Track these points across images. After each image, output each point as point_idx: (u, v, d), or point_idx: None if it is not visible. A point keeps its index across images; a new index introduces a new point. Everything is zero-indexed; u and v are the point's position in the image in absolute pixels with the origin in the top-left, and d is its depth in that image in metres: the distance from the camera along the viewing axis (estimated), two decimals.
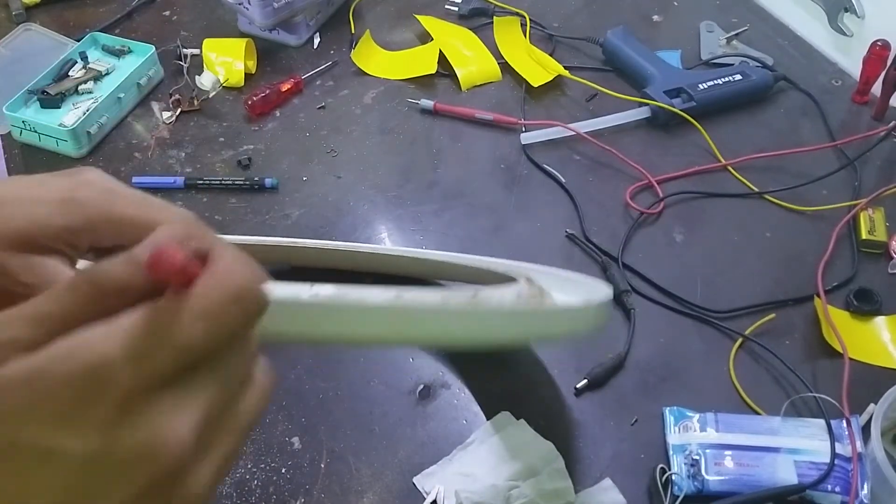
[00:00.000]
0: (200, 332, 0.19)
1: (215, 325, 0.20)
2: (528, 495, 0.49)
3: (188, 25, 0.86)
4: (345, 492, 0.51)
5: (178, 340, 0.19)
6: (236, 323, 0.20)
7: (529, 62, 0.81)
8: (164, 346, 0.19)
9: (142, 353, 0.19)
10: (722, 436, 0.52)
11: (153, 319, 0.19)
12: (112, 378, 0.18)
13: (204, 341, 0.19)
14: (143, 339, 0.19)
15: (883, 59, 0.74)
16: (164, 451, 0.19)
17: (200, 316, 0.19)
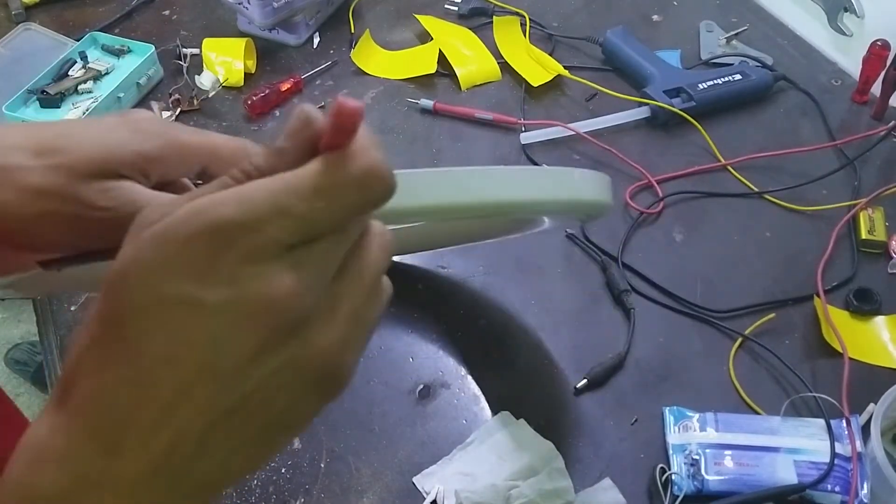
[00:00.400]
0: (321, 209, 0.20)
1: (337, 205, 0.21)
2: (528, 495, 0.49)
3: (188, 25, 0.86)
4: (345, 491, 0.51)
5: (297, 214, 0.20)
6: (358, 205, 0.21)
7: (529, 62, 0.81)
8: (286, 216, 0.20)
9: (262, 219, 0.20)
10: (722, 435, 0.52)
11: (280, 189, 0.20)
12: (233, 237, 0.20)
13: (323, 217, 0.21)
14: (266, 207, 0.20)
15: (882, 58, 0.74)
16: (280, 302, 0.20)
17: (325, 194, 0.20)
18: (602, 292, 0.62)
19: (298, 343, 0.21)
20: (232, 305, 0.20)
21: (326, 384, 0.22)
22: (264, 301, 0.20)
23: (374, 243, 0.23)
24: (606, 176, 0.42)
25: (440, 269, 0.63)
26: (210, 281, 0.20)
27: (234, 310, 0.20)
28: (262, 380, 0.21)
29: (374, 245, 0.23)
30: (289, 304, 0.20)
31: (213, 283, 0.20)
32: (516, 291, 0.62)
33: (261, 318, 0.20)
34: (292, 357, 0.21)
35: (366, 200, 0.21)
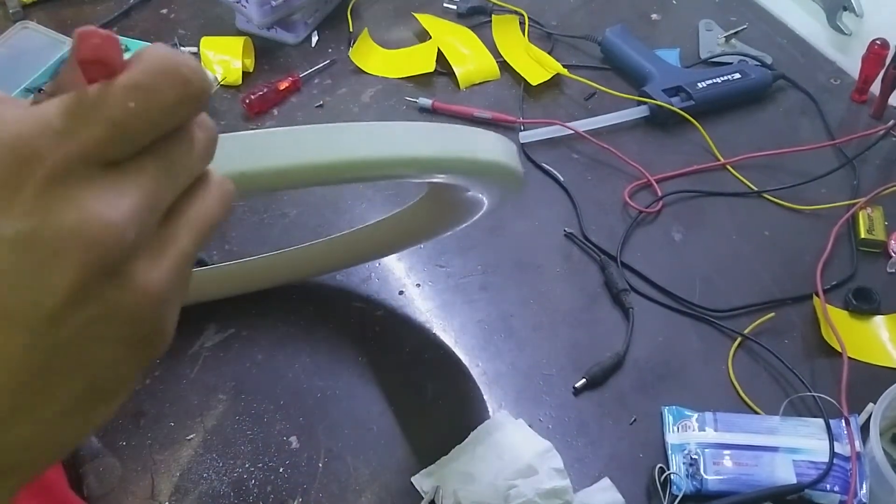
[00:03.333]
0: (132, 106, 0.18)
1: (147, 98, 0.18)
2: (527, 494, 0.48)
3: (186, 23, 0.86)
4: (343, 491, 0.50)
5: (107, 114, 0.17)
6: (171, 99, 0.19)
7: (528, 61, 0.81)
8: (92, 121, 0.17)
9: (66, 128, 0.17)
10: (721, 435, 0.52)
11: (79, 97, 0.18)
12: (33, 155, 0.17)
13: (136, 117, 0.18)
14: (67, 116, 0.17)
15: (882, 57, 0.74)
16: (98, 234, 0.17)
17: (130, 88, 0.18)
18: (601, 292, 0.62)
19: (118, 286, 0.18)
20: (37, 239, 0.17)
21: (147, 337, 0.19)
22: (77, 233, 0.17)
23: (213, 192, 0.21)
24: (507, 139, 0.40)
25: (439, 267, 0.63)
26: (7, 209, 0.17)
27: (40, 245, 0.17)
28: (76, 330, 0.18)
29: (211, 193, 0.21)
30: (108, 237, 0.17)
31: (12, 213, 0.17)
32: (515, 290, 0.62)
33: (73, 255, 0.17)
34: (111, 303, 0.18)
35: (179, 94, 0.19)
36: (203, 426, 0.53)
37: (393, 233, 0.57)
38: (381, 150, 0.32)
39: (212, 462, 0.52)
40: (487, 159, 0.37)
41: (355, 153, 0.31)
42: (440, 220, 0.54)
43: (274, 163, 0.29)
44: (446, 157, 0.36)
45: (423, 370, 0.57)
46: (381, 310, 0.61)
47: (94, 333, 0.18)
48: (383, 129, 0.33)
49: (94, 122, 0.17)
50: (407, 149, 0.33)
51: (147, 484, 0.50)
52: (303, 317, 0.60)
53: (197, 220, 0.20)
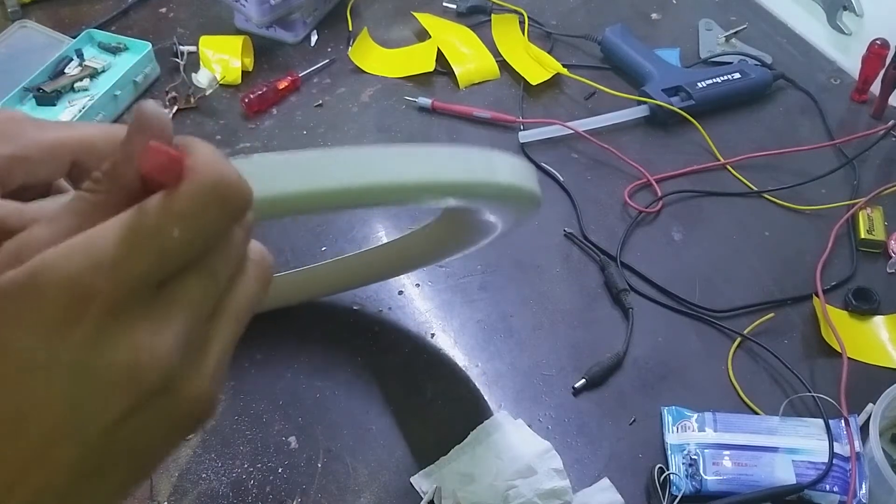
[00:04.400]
0: (178, 235, 0.19)
1: (194, 226, 0.19)
2: (526, 495, 0.48)
3: (184, 22, 0.86)
4: (342, 491, 0.50)
5: (156, 245, 0.18)
6: (217, 222, 0.20)
7: (528, 60, 0.81)
8: (142, 253, 0.18)
9: (116, 263, 0.18)
10: (720, 435, 0.52)
11: (128, 226, 0.18)
12: (90, 291, 0.18)
13: (183, 244, 0.19)
14: (118, 250, 0.18)
15: (882, 57, 0.74)
16: (147, 367, 0.19)
17: (177, 218, 0.19)
18: (600, 292, 0.62)
19: (166, 398, 0.20)
20: (92, 370, 0.18)
21: (195, 424, 0.21)
22: (129, 368, 0.19)
23: (251, 276, 0.22)
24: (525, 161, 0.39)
25: (438, 267, 0.63)
26: (66, 342, 0.18)
27: (94, 374, 0.18)
28: (126, 438, 0.19)
29: (249, 277, 0.22)
30: (159, 369, 0.19)
31: (69, 344, 0.18)
32: (514, 290, 0.62)
33: (125, 386, 0.19)
34: (160, 411, 0.20)
35: (224, 215, 0.20)
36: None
37: (404, 255, 0.57)
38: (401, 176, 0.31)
39: (210, 462, 0.52)
40: (507, 183, 0.36)
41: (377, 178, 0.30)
42: (453, 242, 0.53)
43: (286, 188, 0.28)
44: (464, 182, 0.34)
45: (423, 370, 0.57)
46: (381, 310, 0.61)
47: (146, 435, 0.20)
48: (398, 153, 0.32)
49: (143, 254, 0.18)
50: (423, 174, 0.32)
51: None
52: (302, 317, 0.60)
53: (238, 310, 0.21)
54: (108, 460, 0.20)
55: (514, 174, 0.37)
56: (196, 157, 0.19)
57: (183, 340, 0.19)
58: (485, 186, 0.35)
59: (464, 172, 0.34)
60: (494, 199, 0.38)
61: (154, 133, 0.19)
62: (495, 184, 0.36)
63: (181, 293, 0.20)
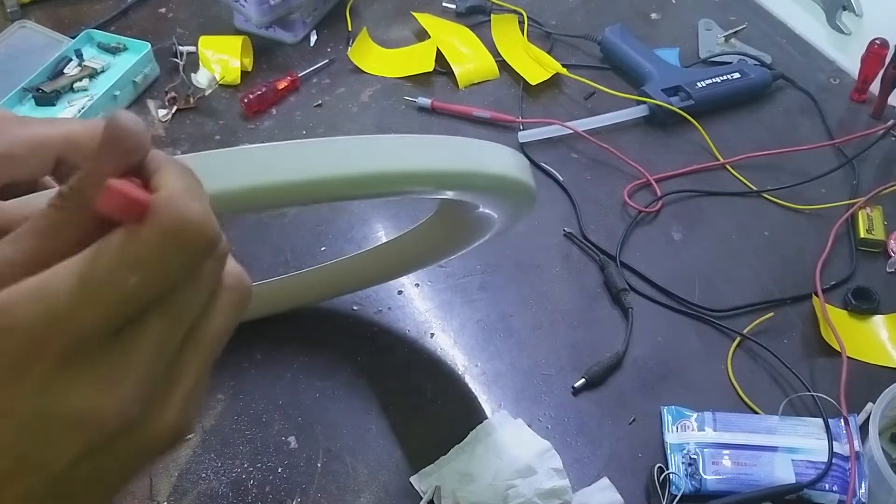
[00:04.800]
0: (136, 282, 0.18)
1: (153, 273, 0.18)
2: (526, 495, 0.48)
3: (184, 23, 0.86)
4: (341, 491, 0.50)
5: (111, 295, 0.18)
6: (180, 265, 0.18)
7: (527, 60, 0.81)
8: (96, 303, 0.18)
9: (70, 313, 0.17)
10: (720, 435, 0.52)
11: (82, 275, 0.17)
12: (41, 341, 0.17)
13: (141, 291, 0.18)
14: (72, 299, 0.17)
15: (881, 57, 0.74)
16: (102, 419, 0.18)
17: (134, 266, 0.18)
18: (600, 291, 0.62)
19: (129, 439, 0.19)
20: (44, 419, 0.18)
21: (162, 453, 0.21)
22: (83, 415, 0.18)
23: (224, 302, 0.21)
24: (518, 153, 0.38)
25: (438, 267, 0.63)
26: (15, 390, 0.18)
27: (47, 424, 0.18)
28: (88, 473, 0.19)
29: (223, 304, 0.21)
30: (114, 418, 0.18)
31: (20, 393, 0.18)
32: (514, 290, 0.62)
33: (77, 434, 0.18)
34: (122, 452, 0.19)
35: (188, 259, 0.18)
36: (201, 426, 0.53)
37: (402, 255, 0.57)
38: (386, 165, 0.30)
39: (210, 462, 0.52)
40: (498, 173, 0.35)
41: (362, 168, 0.30)
42: (451, 240, 0.53)
43: (278, 178, 0.28)
44: (455, 172, 0.33)
45: (422, 370, 0.57)
46: (380, 309, 0.61)
47: (110, 468, 0.19)
48: (386, 142, 0.32)
49: (97, 305, 0.18)
50: (412, 162, 0.31)
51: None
52: (301, 317, 0.60)
53: (209, 341, 0.20)
54: (67, 493, 0.19)
55: (505, 164, 0.36)
56: (161, 193, 0.18)
57: (144, 385, 0.19)
58: (474, 176, 0.34)
59: (450, 161, 0.33)
60: (485, 189, 0.37)
61: (122, 153, 0.18)
62: (485, 173, 0.35)
63: (141, 337, 0.19)
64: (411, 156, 0.32)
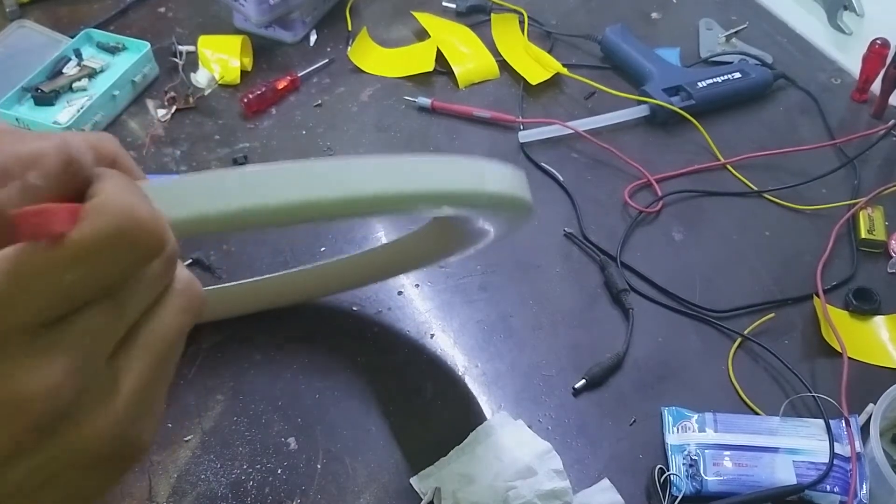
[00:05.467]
0: (70, 279, 0.18)
1: (90, 271, 0.18)
2: (526, 496, 0.48)
3: (183, 22, 0.86)
4: (341, 492, 0.50)
5: (47, 286, 0.17)
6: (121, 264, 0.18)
7: (527, 60, 0.81)
8: (31, 292, 0.17)
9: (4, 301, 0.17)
10: (720, 436, 0.52)
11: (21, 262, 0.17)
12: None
13: (76, 287, 0.18)
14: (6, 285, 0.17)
15: (882, 57, 0.74)
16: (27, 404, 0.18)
17: (70, 263, 0.18)
18: (601, 292, 0.62)
19: (66, 434, 0.19)
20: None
21: (115, 461, 0.20)
22: (11, 401, 0.17)
23: (173, 304, 0.21)
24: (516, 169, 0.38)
25: (438, 268, 0.63)
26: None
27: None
28: (24, 476, 0.18)
29: (171, 307, 0.20)
30: (43, 402, 0.18)
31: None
32: (514, 291, 0.62)
33: (9, 420, 0.18)
34: (61, 448, 0.19)
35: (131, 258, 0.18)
36: (201, 427, 0.53)
37: (397, 258, 0.57)
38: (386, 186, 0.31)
39: (210, 463, 0.51)
40: (496, 192, 0.36)
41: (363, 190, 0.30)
42: (446, 247, 0.54)
43: (286, 198, 0.28)
44: (452, 192, 0.34)
45: (422, 371, 0.57)
46: (380, 310, 0.60)
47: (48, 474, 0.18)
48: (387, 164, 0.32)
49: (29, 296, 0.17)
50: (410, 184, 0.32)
51: (145, 485, 0.50)
52: (301, 317, 0.60)
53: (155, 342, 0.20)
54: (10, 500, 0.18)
55: (503, 182, 0.37)
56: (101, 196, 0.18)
57: (74, 372, 0.18)
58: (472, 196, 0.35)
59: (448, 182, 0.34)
60: (483, 207, 0.38)
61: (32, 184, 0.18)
62: (483, 193, 0.35)
63: (74, 326, 0.18)
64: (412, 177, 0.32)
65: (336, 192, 0.29)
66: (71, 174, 0.19)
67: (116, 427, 0.19)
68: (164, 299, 0.21)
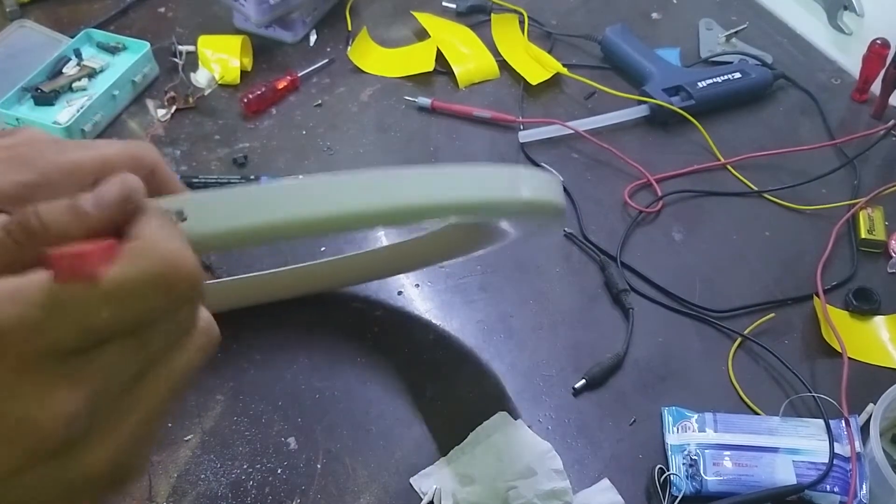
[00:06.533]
0: (106, 315, 0.18)
1: (126, 310, 0.19)
2: (526, 496, 0.48)
3: (183, 22, 0.86)
4: (341, 492, 0.50)
5: (81, 321, 0.18)
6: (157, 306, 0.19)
7: (527, 60, 0.81)
8: (67, 323, 0.18)
9: (38, 325, 0.18)
10: (720, 436, 0.52)
11: (61, 292, 0.18)
12: (6, 344, 0.18)
13: (111, 323, 0.19)
14: (47, 312, 0.18)
15: (882, 57, 0.74)
16: (47, 427, 0.18)
17: (108, 301, 0.18)
18: (601, 292, 0.62)
19: (65, 461, 0.19)
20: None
21: (106, 485, 0.20)
22: (26, 424, 0.18)
23: (193, 344, 0.21)
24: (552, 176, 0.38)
25: (438, 268, 0.63)
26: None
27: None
28: (20, 493, 0.19)
29: (191, 346, 0.21)
30: (57, 427, 0.18)
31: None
32: (514, 291, 0.62)
33: (18, 442, 0.18)
34: (58, 473, 0.19)
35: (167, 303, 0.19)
36: (201, 427, 0.53)
37: (412, 255, 0.57)
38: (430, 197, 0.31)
39: (210, 463, 0.51)
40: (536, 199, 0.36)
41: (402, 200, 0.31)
42: (464, 246, 0.54)
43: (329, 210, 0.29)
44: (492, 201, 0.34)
45: (422, 371, 0.57)
46: (380, 310, 0.60)
47: (39, 494, 0.19)
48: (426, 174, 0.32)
49: (66, 326, 0.18)
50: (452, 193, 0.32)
51: (144, 485, 0.50)
52: (301, 317, 0.60)
53: (169, 380, 0.20)
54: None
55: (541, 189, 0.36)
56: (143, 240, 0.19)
57: (90, 407, 0.19)
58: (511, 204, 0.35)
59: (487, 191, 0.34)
60: (521, 216, 0.38)
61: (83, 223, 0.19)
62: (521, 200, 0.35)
63: (101, 360, 0.19)
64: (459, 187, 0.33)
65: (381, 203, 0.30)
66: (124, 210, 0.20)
67: (116, 456, 0.20)
68: (184, 339, 0.21)
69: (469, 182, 0.34)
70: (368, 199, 0.30)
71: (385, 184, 0.30)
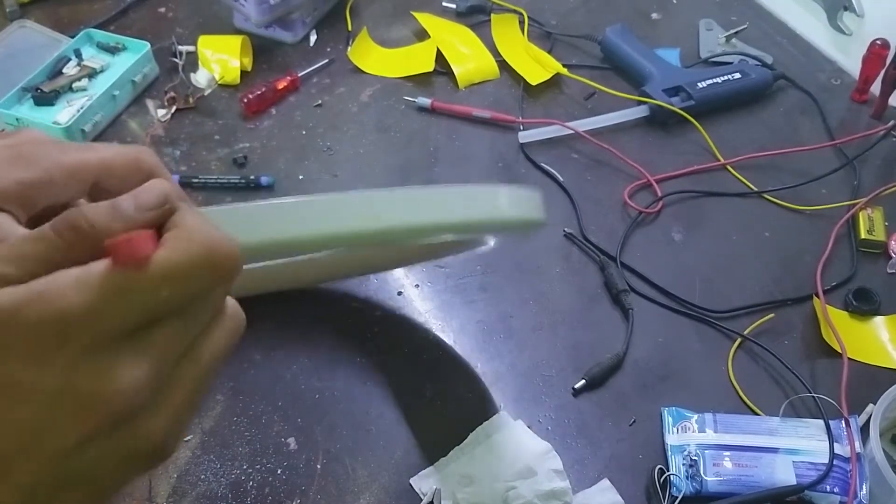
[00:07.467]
0: (165, 294, 0.21)
1: (183, 289, 0.21)
2: (526, 496, 0.48)
3: (183, 22, 0.86)
4: (341, 493, 0.50)
5: (141, 301, 0.20)
6: (206, 285, 0.22)
7: (527, 60, 0.81)
8: (129, 305, 0.20)
9: (102, 310, 0.20)
10: (720, 436, 0.52)
11: (122, 277, 0.20)
12: (77, 327, 0.20)
13: (169, 302, 0.21)
14: (110, 296, 0.20)
15: (882, 57, 0.74)
16: (115, 398, 0.20)
17: (170, 282, 0.21)
18: (600, 292, 0.62)
19: (126, 431, 0.21)
20: (63, 396, 0.20)
21: (150, 461, 0.23)
22: (97, 396, 0.20)
23: (224, 327, 0.24)
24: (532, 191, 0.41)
25: (437, 268, 0.63)
26: (46, 369, 0.20)
27: (64, 400, 0.20)
28: (82, 465, 0.21)
29: (223, 329, 0.23)
30: (123, 401, 0.20)
31: (49, 372, 0.20)
32: (514, 291, 0.62)
33: (90, 412, 0.20)
34: (118, 443, 0.21)
35: (212, 282, 0.22)
36: (201, 427, 0.53)
37: (399, 253, 0.58)
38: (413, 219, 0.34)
39: (209, 463, 0.51)
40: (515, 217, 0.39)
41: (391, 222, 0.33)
42: (448, 248, 0.56)
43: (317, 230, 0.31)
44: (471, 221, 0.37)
45: (422, 371, 0.57)
46: (380, 310, 0.60)
47: (102, 464, 0.21)
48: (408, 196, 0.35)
49: (128, 307, 0.20)
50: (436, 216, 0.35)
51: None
52: (301, 317, 0.60)
53: (207, 357, 0.23)
54: (60, 486, 0.21)
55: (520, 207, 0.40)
56: (186, 226, 0.21)
57: (152, 379, 0.21)
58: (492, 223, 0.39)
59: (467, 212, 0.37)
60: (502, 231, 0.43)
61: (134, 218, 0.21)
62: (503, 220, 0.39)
63: (157, 336, 0.21)
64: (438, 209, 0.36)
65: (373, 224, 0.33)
66: (162, 213, 0.22)
67: (163, 432, 0.22)
68: (217, 321, 0.23)
69: (458, 203, 0.37)
70: (365, 220, 0.32)
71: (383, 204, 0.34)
